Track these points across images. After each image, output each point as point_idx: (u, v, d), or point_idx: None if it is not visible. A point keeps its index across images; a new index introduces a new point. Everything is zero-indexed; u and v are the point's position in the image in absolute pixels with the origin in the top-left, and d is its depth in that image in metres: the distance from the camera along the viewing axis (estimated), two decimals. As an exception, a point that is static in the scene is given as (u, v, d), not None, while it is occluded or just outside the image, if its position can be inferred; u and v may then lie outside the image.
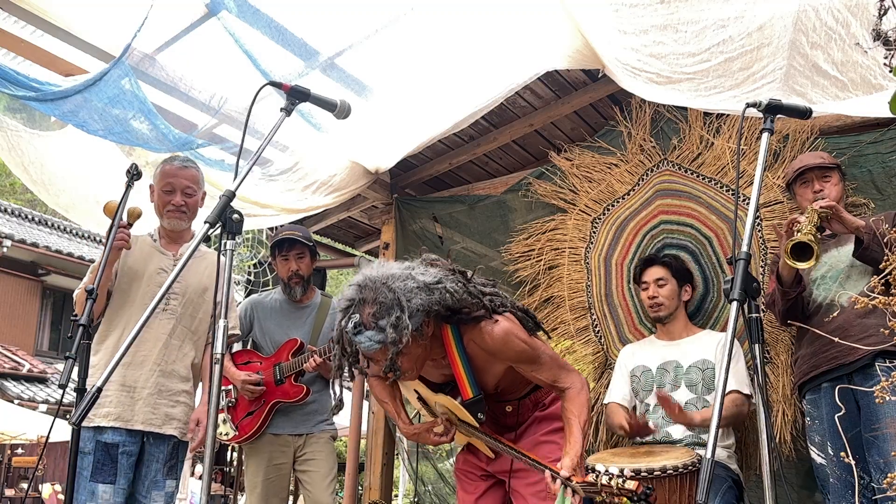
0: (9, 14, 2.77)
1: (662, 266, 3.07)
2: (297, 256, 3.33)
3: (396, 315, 1.82)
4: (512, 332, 1.98)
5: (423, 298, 1.88)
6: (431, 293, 1.91)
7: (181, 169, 2.83)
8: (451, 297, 1.94)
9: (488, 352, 2.00)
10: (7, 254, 14.11)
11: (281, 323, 3.35)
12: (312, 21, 2.93)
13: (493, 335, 1.96)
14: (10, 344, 14.10)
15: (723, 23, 2.45)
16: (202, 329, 2.84)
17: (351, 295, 1.91)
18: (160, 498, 2.62)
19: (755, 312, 1.63)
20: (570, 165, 3.78)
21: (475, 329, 1.99)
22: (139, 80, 2.83)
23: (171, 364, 2.72)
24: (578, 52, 2.79)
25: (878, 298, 1.63)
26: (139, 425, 2.61)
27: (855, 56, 2.32)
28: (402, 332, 1.81)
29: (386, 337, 1.81)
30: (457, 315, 1.98)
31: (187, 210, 2.83)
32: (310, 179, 3.67)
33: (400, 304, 1.84)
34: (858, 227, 2.39)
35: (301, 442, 3.23)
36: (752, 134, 3.24)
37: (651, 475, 2.35)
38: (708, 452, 1.36)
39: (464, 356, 2.01)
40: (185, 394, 2.76)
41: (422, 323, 1.88)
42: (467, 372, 2.02)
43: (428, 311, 1.89)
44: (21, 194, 18.90)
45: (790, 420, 2.98)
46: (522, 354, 2.00)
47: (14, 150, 3.42)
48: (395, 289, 1.86)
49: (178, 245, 2.87)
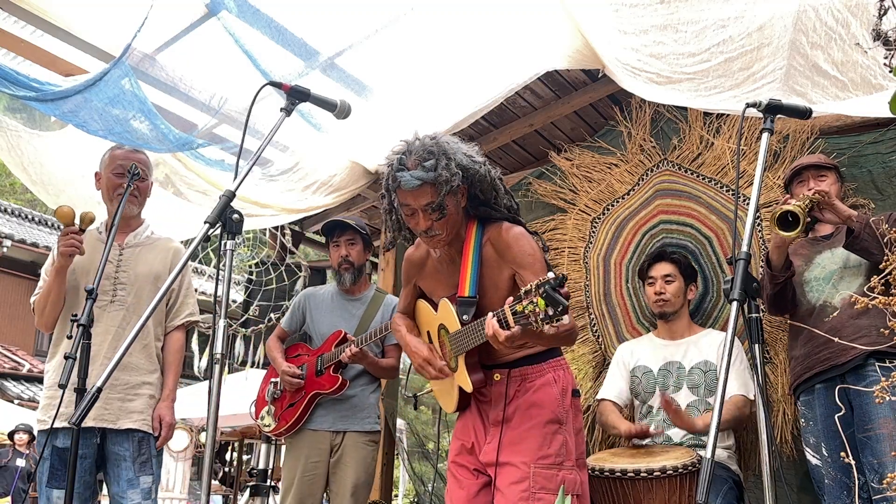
0: (9, 14, 2.77)
1: (671, 262, 3.05)
2: (349, 242, 3.22)
3: (444, 162, 1.92)
4: (526, 235, 2.05)
5: (466, 160, 1.98)
6: (474, 162, 2.01)
7: (132, 152, 2.74)
8: (489, 178, 2.03)
9: (501, 250, 2.04)
10: (7, 254, 14.13)
11: (330, 315, 3.27)
12: (312, 21, 2.93)
13: (510, 231, 2.03)
14: (10, 344, 14.12)
15: (723, 23, 2.45)
16: (160, 318, 2.72)
17: (398, 148, 2.00)
18: (137, 496, 2.51)
19: (755, 312, 1.63)
20: (570, 165, 3.79)
21: (496, 227, 2.05)
22: (139, 80, 2.83)
23: (128, 357, 2.54)
24: (578, 52, 2.79)
25: (877, 298, 1.63)
26: (91, 422, 2.48)
27: (855, 56, 2.32)
28: (452, 173, 1.92)
29: (430, 176, 1.90)
30: (486, 207, 2.07)
31: (139, 194, 2.71)
32: (310, 179, 3.68)
33: (446, 154, 1.94)
34: (850, 216, 2.39)
35: (339, 440, 3.10)
36: (752, 134, 3.24)
37: (651, 475, 2.35)
38: (708, 452, 1.36)
39: (477, 254, 2.07)
40: (147, 385, 2.62)
41: (460, 186, 1.97)
42: (473, 270, 2.06)
43: (467, 174, 1.98)
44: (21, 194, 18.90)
45: (790, 420, 2.98)
46: (529, 259, 2.02)
47: (14, 150, 3.42)
48: (441, 142, 1.97)
49: (126, 234, 2.74)
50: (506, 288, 2.05)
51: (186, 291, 2.81)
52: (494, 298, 2.04)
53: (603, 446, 3.40)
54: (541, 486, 1.93)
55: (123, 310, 2.63)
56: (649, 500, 2.34)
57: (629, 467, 2.38)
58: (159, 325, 2.73)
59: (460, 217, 2.05)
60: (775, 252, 2.53)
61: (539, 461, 1.96)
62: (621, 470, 2.39)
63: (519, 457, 1.98)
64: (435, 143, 1.97)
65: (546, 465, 1.96)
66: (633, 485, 2.37)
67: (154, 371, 2.68)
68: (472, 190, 2.04)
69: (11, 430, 9.43)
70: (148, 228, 2.83)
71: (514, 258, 2.02)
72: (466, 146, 2.04)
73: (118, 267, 2.67)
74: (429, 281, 2.25)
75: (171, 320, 2.75)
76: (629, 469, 2.38)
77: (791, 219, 2.31)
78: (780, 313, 2.76)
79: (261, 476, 5.24)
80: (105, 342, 2.56)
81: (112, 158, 2.72)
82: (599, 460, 2.52)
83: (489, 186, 2.05)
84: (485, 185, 2.04)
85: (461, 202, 2.03)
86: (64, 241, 2.45)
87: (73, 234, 2.44)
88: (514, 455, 1.99)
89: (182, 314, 2.78)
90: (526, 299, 1.68)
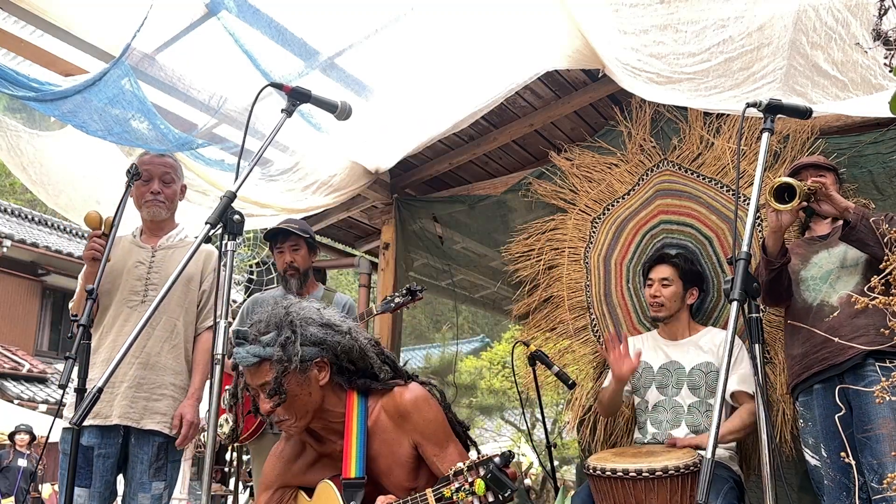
0: (9, 14, 2.76)
1: (671, 266, 3.04)
2: (292, 248, 3.26)
3: (287, 336, 1.71)
4: (425, 400, 1.83)
5: (320, 332, 1.77)
6: (332, 331, 1.80)
7: (157, 156, 2.80)
8: (357, 347, 1.82)
9: (395, 419, 1.82)
10: (7, 254, 14.11)
11: None
12: (312, 21, 2.93)
13: (403, 397, 1.82)
14: (10, 344, 14.10)
15: (723, 23, 2.45)
16: (190, 319, 2.76)
17: (253, 317, 1.82)
18: (146, 500, 2.51)
19: (755, 312, 1.63)
20: (570, 165, 3.79)
21: (385, 395, 1.84)
22: (139, 80, 2.82)
23: (155, 356, 2.62)
24: (578, 51, 2.79)
25: (877, 298, 1.63)
26: (115, 419, 2.51)
27: (855, 56, 2.32)
28: (292, 352, 1.69)
29: (266, 352, 1.69)
30: (364, 378, 1.85)
31: (165, 199, 2.77)
32: (310, 179, 3.67)
33: (292, 326, 1.73)
34: (847, 207, 2.38)
35: None
36: (753, 134, 3.24)
37: (652, 475, 2.35)
38: (708, 452, 1.36)
39: (363, 428, 1.82)
40: (173, 387, 2.65)
41: (313, 362, 1.76)
42: (359, 446, 1.80)
43: (324, 346, 1.77)
44: (21, 194, 18.89)
45: (790, 420, 2.98)
46: (431, 427, 1.80)
47: (14, 150, 3.42)
48: (291, 311, 1.77)
49: (159, 237, 2.80)
50: (409, 462, 1.83)
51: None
52: (400, 478, 1.82)
53: (604, 446, 3.40)
54: None
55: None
56: (650, 499, 2.34)
57: (630, 467, 2.38)
58: (190, 326, 2.76)
59: (315, 397, 1.80)
60: (771, 237, 2.50)
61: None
62: (623, 470, 2.38)
63: None
64: (283, 314, 1.77)
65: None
66: (634, 485, 2.36)
67: (181, 372, 2.70)
68: (338, 362, 1.83)
69: (12, 430, 9.43)
70: (182, 232, 2.88)
71: (415, 427, 1.81)
72: (330, 313, 1.85)
73: (150, 268, 2.72)
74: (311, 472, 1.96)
75: (201, 322, 2.78)
76: (630, 469, 2.37)
77: (787, 197, 2.27)
78: (775, 303, 2.73)
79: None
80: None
81: (139, 164, 2.74)
82: (601, 460, 2.52)
83: (358, 356, 1.85)
84: (353, 354, 1.84)
85: (317, 378, 1.79)
86: (87, 247, 2.48)
87: (95, 238, 2.47)
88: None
89: (212, 316, 2.78)
90: (456, 481, 1.47)
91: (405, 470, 1.82)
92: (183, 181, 2.90)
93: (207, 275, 2.81)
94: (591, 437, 3.47)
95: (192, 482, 9.45)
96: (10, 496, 8.76)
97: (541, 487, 11.74)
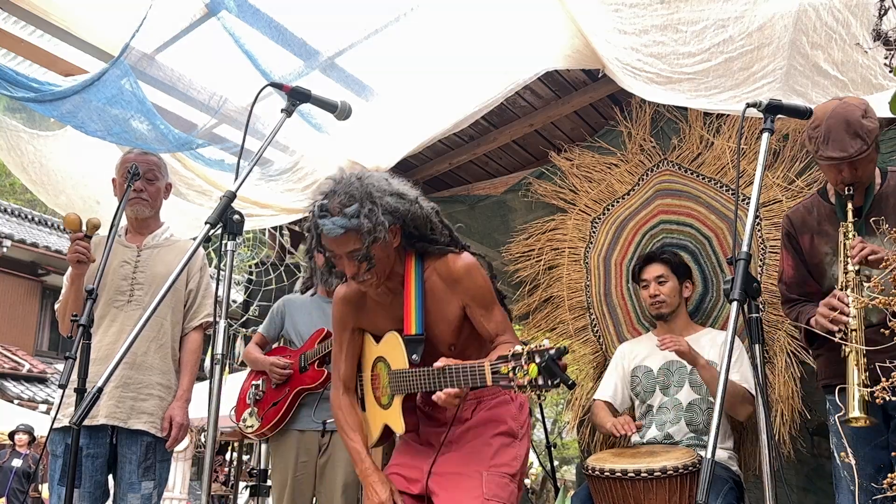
0: (9, 14, 2.77)
1: (662, 263, 3.05)
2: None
3: (368, 208, 1.81)
4: (476, 267, 1.95)
5: (395, 201, 1.86)
6: (404, 201, 1.89)
7: (141, 154, 2.77)
8: (423, 215, 1.92)
9: (448, 282, 1.94)
10: (7, 254, 14.12)
11: (310, 316, 3.30)
12: (312, 21, 2.93)
13: (457, 264, 1.94)
14: (10, 344, 14.11)
15: (723, 23, 2.45)
16: (177, 319, 2.74)
17: (325, 187, 1.89)
18: (136, 500, 2.50)
19: (755, 312, 1.62)
20: (570, 165, 3.79)
21: (439, 259, 1.95)
22: (139, 80, 2.82)
23: (142, 356, 2.60)
24: (578, 51, 2.79)
25: (877, 298, 1.63)
26: (102, 419, 2.50)
27: (855, 56, 2.32)
28: (376, 223, 1.79)
29: (352, 223, 1.78)
30: (424, 242, 1.95)
31: (149, 197, 2.74)
32: (310, 179, 3.67)
33: (371, 198, 1.82)
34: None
35: (326, 440, 3.08)
36: (752, 134, 3.24)
37: (651, 475, 2.35)
38: (708, 452, 1.36)
39: (420, 289, 1.95)
40: (160, 387, 2.63)
41: (389, 228, 1.85)
42: (418, 306, 1.94)
43: (397, 215, 1.86)
44: (21, 194, 18.88)
45: (790, 420, 2.98)
46: (480, 292, 1.94)
47: (14, 150, 3.42)
48: (367, 184, 1.85)
49: (144, 236, 2.78)
50: (456, 320, 1.97)
51: (205, 293, 2.81)
52: (444, 333, 1.97)
53: (603, 447, 3.41)
54: (493, 493, 1.85)
55: (140, 309, 2.64)
56: (650, 500, 2.34)
57: (629, 467, 2.38)
58: (177, 326, 2.75)
59: (392, 258, 1.93)
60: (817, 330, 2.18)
61: (492, 469, 1.88)
62: (622, 470, 2.39)
63: (471, 466, 1.90)
64: (359, 185, 1.85)
65: (500, 473, 1.89)
66: (633, 485, 2.37)
67: (167, 372, 2.68)
68: (405, 228, 1.93)
69: (12, 430, 9.43)
70: (167, 230, 2.85)
71: (467, 292, 1.94)
72: (396, 182, 1.94)
73: (136, 268, 2.70)
74: (370, 317, 2.10)
75: (188, 321, 2.77)
76: (629, 469, 2.37)
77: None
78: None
79: (261, 476, 5.24)
80: (120, 341, 2.57)
81: (123, 162, 2.73)
82: (600, 460, 2.52)
83: (424, 222, 1.94)
84: (419, 221, 1.93)
85: (392, 243, 1.90)
86: (70, 249, 2.45)
87: (78, 241, 2.44)
88: (465, 466, 1.90)
89: (200, 315, 2.79)
90: (513, 361, 1.56)
91: (451, 327, 1.97)
92: (168, 179, 2.86)
93: (194, 274, 2.80)
94: (591, 438, 3.47)
95: (192, 482, 9.45)
96: (2, 496, 8.76)
97: (541, 487, 11.74)
